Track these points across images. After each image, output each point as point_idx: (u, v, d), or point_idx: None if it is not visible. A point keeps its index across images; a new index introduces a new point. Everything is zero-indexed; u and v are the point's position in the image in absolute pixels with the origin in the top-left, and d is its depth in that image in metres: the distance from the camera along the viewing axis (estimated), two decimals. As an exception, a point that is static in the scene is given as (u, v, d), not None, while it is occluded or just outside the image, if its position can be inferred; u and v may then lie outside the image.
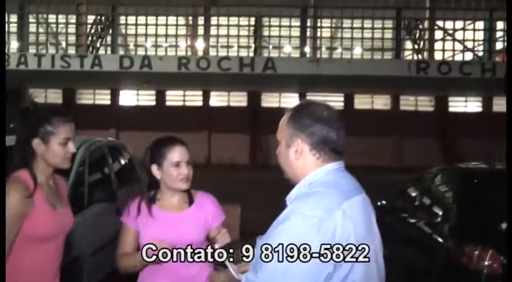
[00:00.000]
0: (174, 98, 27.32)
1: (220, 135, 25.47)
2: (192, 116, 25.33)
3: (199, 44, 19.20)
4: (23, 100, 22.04)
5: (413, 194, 6.39)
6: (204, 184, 3.08)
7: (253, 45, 19.30)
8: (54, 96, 26.84)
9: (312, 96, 23.09)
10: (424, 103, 26.74)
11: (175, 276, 2.77)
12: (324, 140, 1.90)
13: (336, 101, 24.02)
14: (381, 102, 27.06)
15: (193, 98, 27.25)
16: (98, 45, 20.27)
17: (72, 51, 19.40)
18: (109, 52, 19.98)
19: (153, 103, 27.36)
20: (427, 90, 23.77)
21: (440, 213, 5.32)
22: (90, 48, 19.67)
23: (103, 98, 27.64)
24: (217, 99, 27.41)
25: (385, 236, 2.03)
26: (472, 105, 26.31)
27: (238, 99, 27.21)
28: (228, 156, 25.38)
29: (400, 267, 5.53)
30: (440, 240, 4.90)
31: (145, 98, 27.42)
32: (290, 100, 25.93)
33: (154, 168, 2.82)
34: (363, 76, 16.83)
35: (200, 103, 27.18)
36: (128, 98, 27.67)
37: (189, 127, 23.66)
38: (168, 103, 27.33)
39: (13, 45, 20.28)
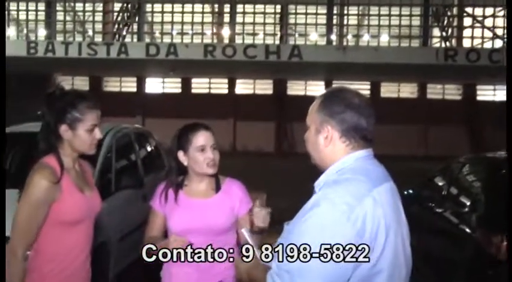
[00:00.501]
0: (199, 85, 27.40)
1: (245, 123, 25.48)
2: (218, 103, 25.39)
3: (225, 32, 19.18)
4: (50, 87, 22.30)
5: (441, 184, 6.32)
6: (229, 172, 3.08)
7: (279, 33, 19.23)
8: (81, 83, 27.10)
9: (338, 84, 22.93)
10: (452, 91, 26.40)
11: (202, 264, 2.78)
12: (354, 128, 1.88)
13: (362, 89, 23.83)
14: (408, 90, 26.80)
15: (219, 86, 27.30)
16: (124, 33, 20.39)
17: (98, 39, 19.56)
18: (135, 40, 20.10)
19: (179, 90, 27.47)
20: (454, 79, 23.44)
21: (468, 203, 5.26)
22: (117, 36, 19.79)
23: (129, 85, 27.84)
24: (243, 87, 27.42)
25: (411, 226, 2.01)
26: (500, 93, 25.85)
27: (264, 87, 27.17)
28: (253, 144, 25.40)
29: (426, 257, 5.49)
30: (468, 230, 4.85)
31: (171, 85, 27.54)
32: (316, 88, 25.82)
33: (180, 155, 2.83)
34: (390, 64, 16.66)
35: (226, 91, 27.22)
36: (154, 85, 27.83)
37: (215, 115, 23.71)
38: (193, 91, 27.42)
39: (41, 33, 20.51)
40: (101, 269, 4.89)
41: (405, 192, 6.45)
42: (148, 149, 7.12)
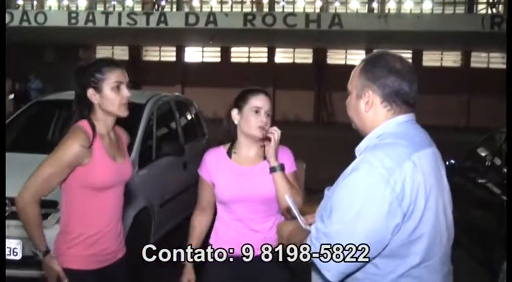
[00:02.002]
0: (239, 54, 27.34)
1: (285, 92, 25.37)
2: (257, 72, 25.29)
3: (265, 0, 19.02)
4: (90, 57, 22.64)
5: (484, 154, 6.20)
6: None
7: (319, 1, 18.96)
8: (121, 53, 27.35)
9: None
10: (497, 60, 25.67)
11: (249, 230, 2.81)
12: (396, 93, 1.85)
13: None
14: (451, 59, 26.22)
15: (258, 55, 27.19)
16: (164, 2, 20.43)
17: (138, 8, 19.65)
18: (174, 9, 20.12)
19: (218, 60, 27.48)
20: (500, 47, 22.81)
21: (512, 173, 5.15)
22: (156, 6, 19.85)
23: (168, 54, 27.97)
24: (283, 56, 27.25)
25: (453, 197, 1.98)
26: (548, 62, 25.08)
27: (304, 56, 26.96)
28: (292, 113, 25.34)
29: (468, 229, 5.43)
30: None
31: (210, 54, 27.56)
32: (356, 57, 25.49)
33: (234, 113, 2.83)
34: (433, 32, 16.30)
35: (265, 60, 27.10)
36: (193, 54, 27.89)
37: (254, 84, 23.14)
38: (233, 60, 27.39)
39: (81, 3, 20.71)
40: (142, 234, 5.00)
41: (447, 163, 6.34)
42: (189, 117, 7.16)
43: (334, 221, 1.73)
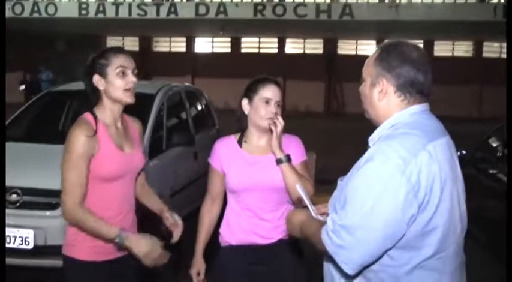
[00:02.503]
0: (249, 44, 27.28)
1: (295, 82, 25.31)
2: (267, 63, 25.23)
3: (275, -10, 18.93)
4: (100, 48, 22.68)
5: (495, 145, 6.17)
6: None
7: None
8: (131, 44, 27.38)
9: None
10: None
11: (259, 219, 2.82)
12: (410, 83, 1.82)
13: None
14: (463, 49, 26.03)
15: (269, 45, 27.13)
16: (174, -8, 20.36)
17: (148, -1, 19.59)
18: (185, 0, 20.07)
19: (228, 50, 27.45)
20: (513, 36, 22.59)
21: (524, 164, 5.12)
22: (167, -4, 19.79)
23: (179, 45, 27.97)
24: (293, 46, 27.17)
25: (465, 187, 1.97)
26: (562, 52, 24.83)
27: (314, 47, 26.86)
28: (302, 104, 25.30)
29: (479, 219, 5.41)
30: (523, 191, 4.73)
31: (221, 45, 27.53)
32: (367, 47, 25.37)
33: (244, 103, 2.83)
34: (444, 21, 16.16)
35: (275, 50, 27.04)
36: (203, 45, 27.87)
37: (264, 74, 23.58)
38: (243, 50, 27.35)
39: (92, -7, 20.67)
40: (153, 225, 5.01)
41: (458, 153, 6.30)
42: (199, 107, 7.16)
43: (350, 213, 1.71)
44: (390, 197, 1.68)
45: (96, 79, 2.54)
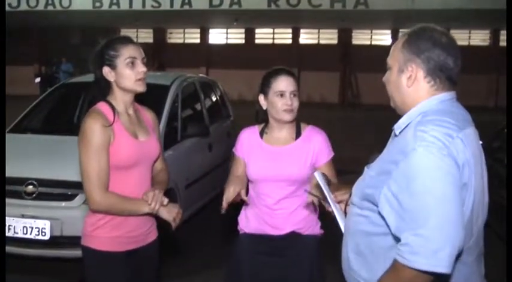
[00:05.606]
0: (263, 35, 27.20)
1: (309, 73, 25.21)
2: (282, 54, 25.15)
3: (289, -20, 18.84)
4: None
5: (512, 134, 6.11)
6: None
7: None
8: (145, 36, 27.42)
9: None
10: (527, 38, 25.14)
11: (276, 210, 2.82)
12: (440, 67, 1.78)
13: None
14: (479, 37, 25.75)
15: (283, 36, 27.03)
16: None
17: (162, -10, 19.58)
18: (199, -10, 20.00)
19: (242, 41, 27.39)
20: (530, 25, 22.31)
21: (542, 153, 5.06)
22: (180, -13, 19.76)
23: (193, 36, 27.96)
24: (307, 37, 27.05)
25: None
26: None
27: (329, 37, 26.72)
28: (317, 94, 25.22)
29: (496, 210, 5.36)
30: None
31: (235, 35, 27.47)
32: (382, 37, 25.19)
33: (261, 98, 2.83)
34: (460, 9, 15.99)
35: (290, 41, 26.93)
36: (217, 36, 27.83)
37: (278, 65, 23.51)
38: (257, 41, 27.28)
39: (106, -14, 20.70)
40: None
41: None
42: (214, 98, 7.16)
43: (423, 212, 1.62)
44: (450, 177, 1.63)
45: (106, 71, 2.54)
